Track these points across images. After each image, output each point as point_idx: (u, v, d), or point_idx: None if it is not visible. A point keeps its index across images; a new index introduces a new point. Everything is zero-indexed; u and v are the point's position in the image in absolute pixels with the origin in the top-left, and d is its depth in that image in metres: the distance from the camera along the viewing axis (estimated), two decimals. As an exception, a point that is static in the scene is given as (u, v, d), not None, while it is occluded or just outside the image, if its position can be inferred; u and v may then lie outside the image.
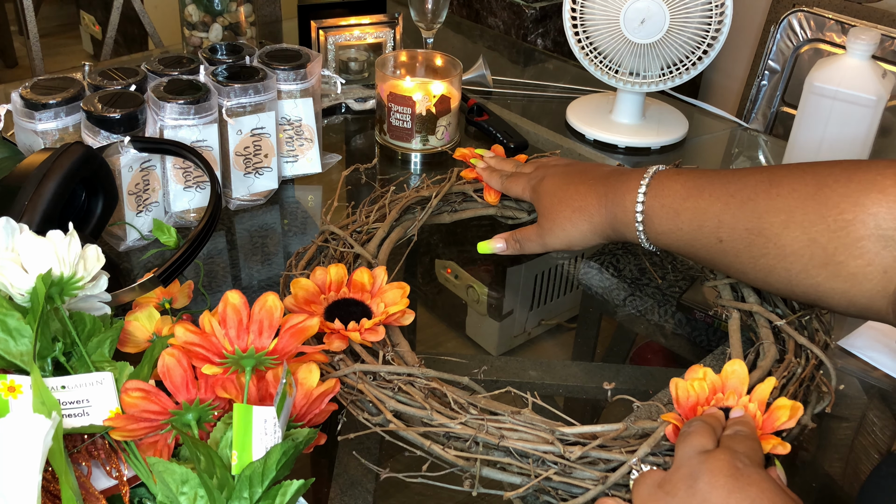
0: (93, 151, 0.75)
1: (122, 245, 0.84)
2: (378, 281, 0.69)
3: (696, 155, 1.15)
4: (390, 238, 0.81)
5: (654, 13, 1.02)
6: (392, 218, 0.82)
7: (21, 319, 0.55)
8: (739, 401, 0.57)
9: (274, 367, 0.57)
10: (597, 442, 0.56)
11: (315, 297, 0.67)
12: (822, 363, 0.65)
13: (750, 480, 0.48)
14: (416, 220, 0.85)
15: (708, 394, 0.58)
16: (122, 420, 0.53)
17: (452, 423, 0.58)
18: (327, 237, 0.79)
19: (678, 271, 0.87)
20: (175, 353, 0.55)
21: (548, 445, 0.56)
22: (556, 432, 0.57)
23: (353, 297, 0.68)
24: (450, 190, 0.88)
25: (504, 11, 2.05)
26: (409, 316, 0.67)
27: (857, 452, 0.67)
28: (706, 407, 0.57)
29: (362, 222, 0.82)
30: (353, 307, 0.67)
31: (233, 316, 0.56)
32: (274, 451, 0.50)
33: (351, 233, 0.80)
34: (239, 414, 0.51)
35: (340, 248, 0.77)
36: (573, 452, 0.55)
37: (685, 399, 0.58)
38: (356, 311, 0.67)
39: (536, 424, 0.58)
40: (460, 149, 0.92)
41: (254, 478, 0.50)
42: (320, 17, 1.18)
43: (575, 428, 0.57)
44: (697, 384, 0.58)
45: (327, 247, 0.78)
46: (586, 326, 0.83)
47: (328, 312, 0.67)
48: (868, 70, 0.89)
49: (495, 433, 0.57)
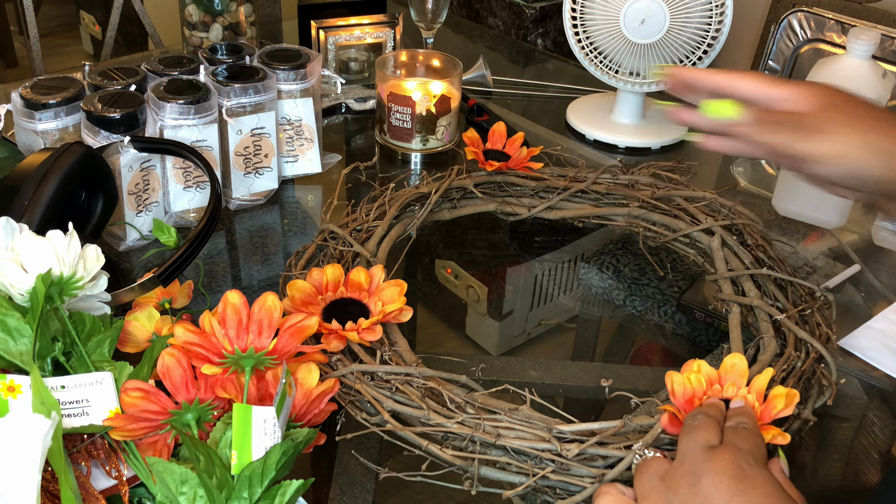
0: (93, 151, 0.75)
1: (122, 245, 0.84)
2: (375, 279, 0.69)
3: (696, 155, 1.15)
4: (390, 236, 0.81)
5: (654, 13, 1.02)
6: (391, 215, 0.82)
7: (21, 319, 0.55)
8: (738, 392, 0.57)
9: (273, 367, 0.57)
10: (595, 439, 0.56)
11: (312, 298, 0.67)
12: (822, 357, 0.65)
13: (754, 483, 0.48)
14: (416, 217, 0.85)
15: (705, 387, 0.58)
16: (121, 420, 0.53)
17: (449, 422, 0.58)
18: (326, 236, 0.79)
19: (678, 271, 0.86)
20: (175, 353, 0.55)
21: (545, 443, 0.56)
22: (553, 430, 0.57)
23: (351, 296, 0.68)
24: (450, 186, 0.88)
25: (504, 11, 2.05)
26: (406, 313, 0.67)
27: (857, 452, 0.67)
28: (706, 397, 0.57)
29: (362, 220, 0.82)
30: (350, 306, 0.67)
31: (232, 316, 0.56)
32: (273, 450, 0.50)
33: (351, 231, 0.80)
34: (238, 414, 0.51)
35: (340, 246, 0.77)
36: (570, 451, 0.55)
37: (681, 392, 0.58)
38: (354, 310, 0.67)
39: (533, 422, 0.58)
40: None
41: (253, 478, 0.50)
42: (320, 16, 1.18)
43: (572, 426, 0.57)
44: (694, 377, 0.58)
45: (327, 245, 0.78)
46: (586, 326, 0.83)
47: (326, 313, 0.67)
48: (868, 70, 0.88)
49: (492, 432, 0.57)
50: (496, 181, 0.90)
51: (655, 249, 0.88)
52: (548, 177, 0.90)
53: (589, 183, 0.88)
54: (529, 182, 0.90)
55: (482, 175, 0.89)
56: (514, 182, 0.90)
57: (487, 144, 0.91)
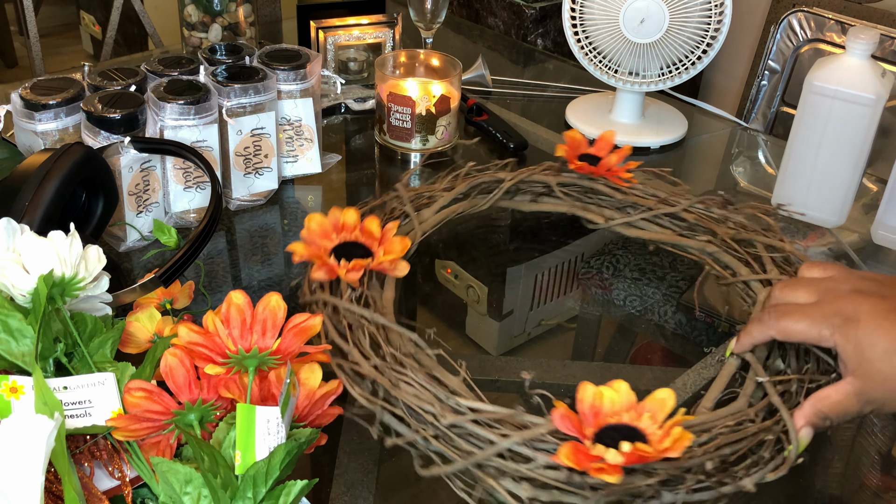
0: (93, 152, 0.75)
1: (123, 245, 0.84)
2: (389, 233, 0.71)
3: (695, 155, 1.15)
4: (450, 209, 0.84)
5: (653, 13, 1.03)
6: (458, 190, 0.84)
7: (23, 320, 0.55)
8: (643, 420, 0.54)
9: (277, 368, 0.57)
10: (471, 416, 0.55)
11: (327, 233, 0.70)
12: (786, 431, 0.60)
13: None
14: (489, 198, 0.86)
15: (616, 409, 0.55)
16: (124, 420, 0.53)
17: (366, 362, 0.60)
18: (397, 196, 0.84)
19: (678, 271, 0.87)
20: (178, 354, 0.55)
21: (431, 407, 0.56)
22: (448, 398, 0.56)
23: (363, 241, 0.70)
24: (528, 178, 0.88)
25: (504, 11, 2.05)
26: (402, 267, 0.70)
27: (857, 452, 0.67)
28: (613, 418, 0.54)
29: (435, 189, 0.85)
30: (358, 250, 0.70)
31: (236, 316, 0.56)
32: (278, 450, 0.50)
33: (416, 195, 0.84)
34: (242, 414, 0.51)
35: (400, 206, 0.82)
36: (446, 418, 0.55)
37: (589, 403, 0.55)
38: (359, 253, 0.69)
39: (435, 388, 0.57)
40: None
41: (258, 477, 0.50)
42: (320, 17, 1.18)
43: (466, 400, 0.56)
44: (608, 394, 0.55)
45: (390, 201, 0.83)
46: (586, 326, 0.83)
47: (335, 250, 0.69)
48: (868, 69, 0.89)
49: (393, 381, 0.58)
50: (582, 185, 0.89)
51: (656, 251, 0.89)
52: (638, 194, 0.87)
53: (678, 209, 0.84)
54: (617, 194, 0.87)
55: (571, 175, 0.89)
56: (600, 190, 0.88)
57: (591, 150, 0.88)
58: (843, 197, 0.93)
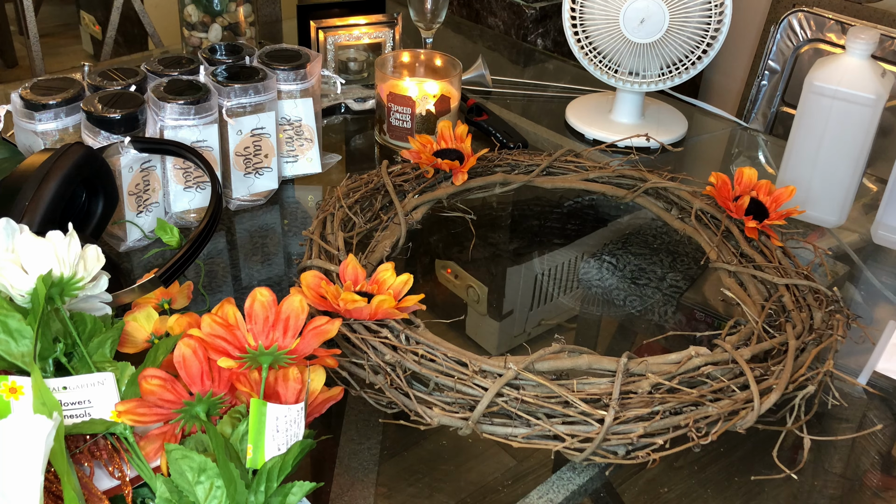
0: (93, 152, 0.75)
1: (123, 245, 0.84)
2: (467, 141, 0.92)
3: (695, 155, 1.15)
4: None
5: (653, 13, 1.02)
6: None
7: (22, 320, 0.55)
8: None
9: (289, 366, 0.57)
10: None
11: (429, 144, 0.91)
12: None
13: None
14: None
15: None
16: (133, 404, 0.53)
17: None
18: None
19: (678, 271, 0.87)
20: (192, 344, 0.55)
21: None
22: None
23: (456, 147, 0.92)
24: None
25: (504, 11, 2.05)
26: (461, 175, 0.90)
27: (857, 452, 0.67)
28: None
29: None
30: (453, 155, 0.90)
31: (260, 312, 0.56)
32: (294, 447, 0.51)
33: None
34: (255, 410, 0.51)
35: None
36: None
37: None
38: (454, 157, 0.90)
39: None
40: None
41: (272, 472, 0.50)
42: (320, 17, 1.18)
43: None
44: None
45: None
46: (586, 326, 0.83)
47: (438, 153, 0.89)
48: (867, 69, 0.89)
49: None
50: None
51: (656, 249, 0.88)
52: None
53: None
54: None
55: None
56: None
57: (757, 196, 0.85)
58: (843, 197, 0.93)
